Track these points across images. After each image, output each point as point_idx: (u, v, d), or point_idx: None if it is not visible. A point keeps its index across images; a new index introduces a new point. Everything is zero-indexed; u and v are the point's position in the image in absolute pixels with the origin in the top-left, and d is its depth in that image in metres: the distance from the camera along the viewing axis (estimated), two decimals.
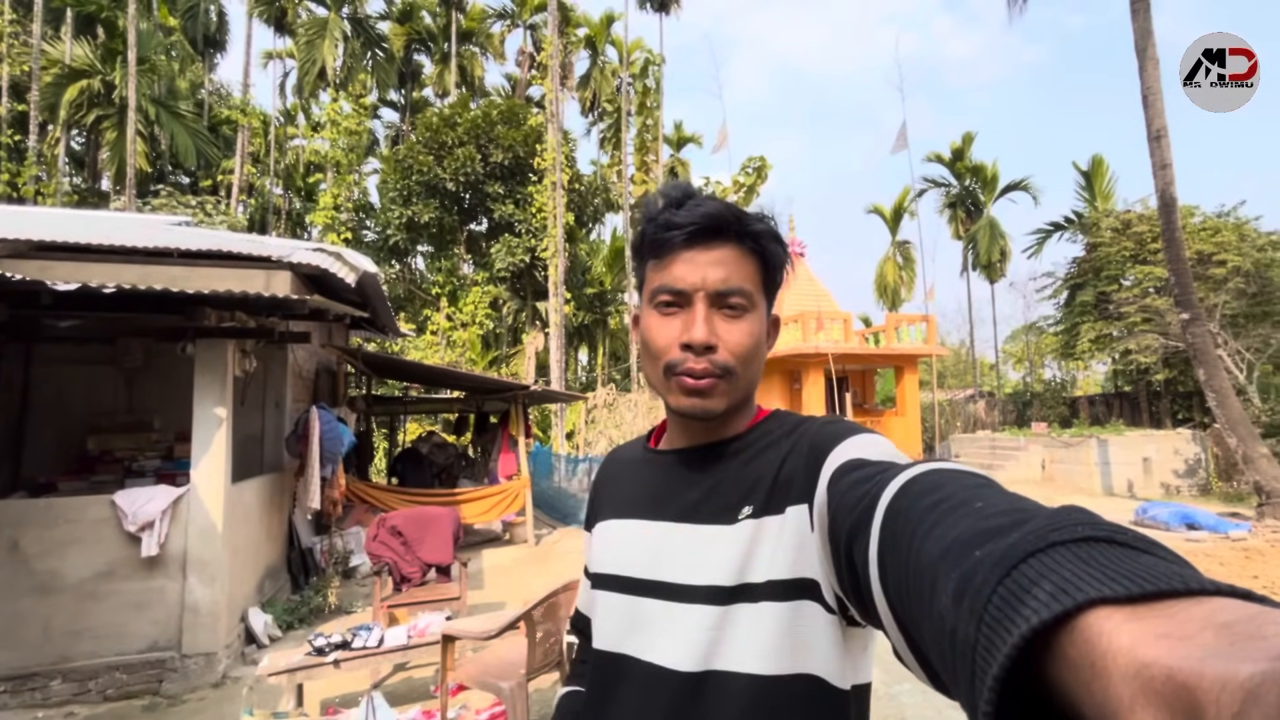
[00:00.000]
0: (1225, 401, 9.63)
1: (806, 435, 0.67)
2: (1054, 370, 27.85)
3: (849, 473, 0.56)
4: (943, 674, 0.35)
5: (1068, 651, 0.25)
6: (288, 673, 3.27)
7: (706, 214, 0.69)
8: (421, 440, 10.20)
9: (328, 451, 5.72)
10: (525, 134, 18.59)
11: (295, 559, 6.40)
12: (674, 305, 0.71)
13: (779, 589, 0.62)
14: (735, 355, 0.69)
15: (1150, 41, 10.48)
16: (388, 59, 24.63)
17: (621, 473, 0.85)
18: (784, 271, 0.75)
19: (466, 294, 19.17)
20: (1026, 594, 0.27)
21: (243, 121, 21.10)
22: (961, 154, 23.98)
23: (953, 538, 0.35)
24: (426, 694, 3.98)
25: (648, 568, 0.71)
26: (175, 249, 5.31)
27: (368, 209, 24.04)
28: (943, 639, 0.33)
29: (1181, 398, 15.71)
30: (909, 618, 0.40)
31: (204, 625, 4.19)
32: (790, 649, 0.61)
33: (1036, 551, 0.29)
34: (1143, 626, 0.23)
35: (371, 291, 7.58)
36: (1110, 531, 0.30)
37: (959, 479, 0.43)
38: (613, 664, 0.72)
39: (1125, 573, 0.26)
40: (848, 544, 0.50)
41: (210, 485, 4.34)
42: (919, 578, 0.37)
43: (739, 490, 0.68)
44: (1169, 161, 10.17)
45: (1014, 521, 0.33)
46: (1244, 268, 13.39)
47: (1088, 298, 16.43)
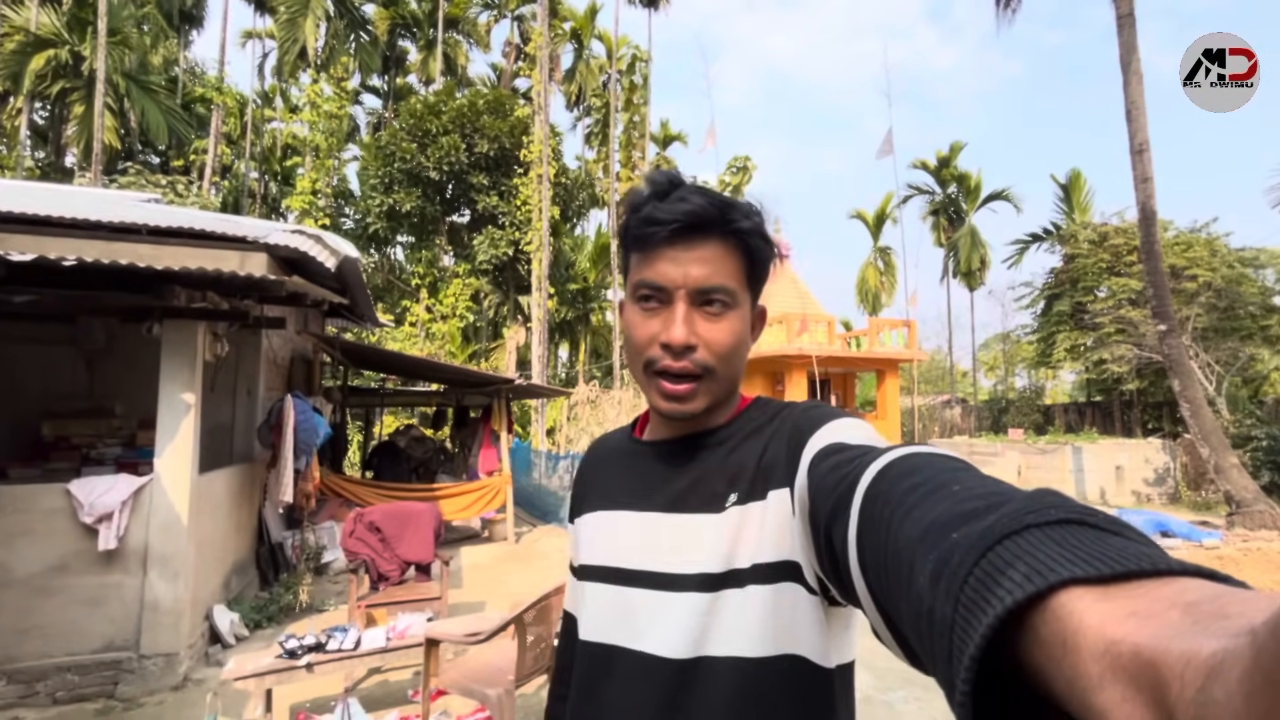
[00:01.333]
0: (1199, 412, 9.82)
1: (788, 421, 0.68)
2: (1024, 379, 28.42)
3: (829, 456, 0.56)
4: (920, 653, 0.36)
5: (1041, 630, 0.26)
6: (256, 677, 3.06)
7: (690, 211, 0.67)
8: (399, 433, 9.92)
9: (302, 443, 5.47)
10: (511, 125, 18.27)
11: (264, 554, 6.13)
12: (654, 301, 0.70)
13: (764, 572, 0.62)
14: (716, 354, 0.69)
15: (1135, 57, 10.65)
16: (371, 42, 24.06)
17: (606, 463, 0.84)
18: (769, 266, 0.74)
19: (447, 286, 18.79)
20: (1002, 575, 0.28)
21: (218, 100, 20.40)
22: (947, 162, 24.26)
23: (930, 520, 0.36)
24: (404, 698, 3.79)
25: (636, 558, 0.71)
26: (143, 225, 5.01)
27: (347, 196, 23.46)
28: (920, 619, 0.33)
29: (1152, 407, 16.08)
30: (887, 598, 0.40)
31: (165, 624, 3.94)
32: (776, 630, 0.62)
33: (1012, 533, 0.30)
34: (1112, 605, 0.24)
35: (352, 278, 7.31)
36: (1082, 514, 0.30)
37: (936, 462, 0.44)
38: (602, 655, 0.71)
39: (1096, 554, 0.26)
40: (827, 526, 0.50)
41: (175, 475, 4.09)
42: (897, 559, 0.37)
43: (724, 478, 0.68)
44: (1150, 175, 10.34)
45: (990, 504, 0.34)
46: (1215, 282, 13.74)
47: (1064, 308, 16.74)
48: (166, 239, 4.97)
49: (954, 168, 24.38)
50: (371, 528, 4.44)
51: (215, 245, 5.11)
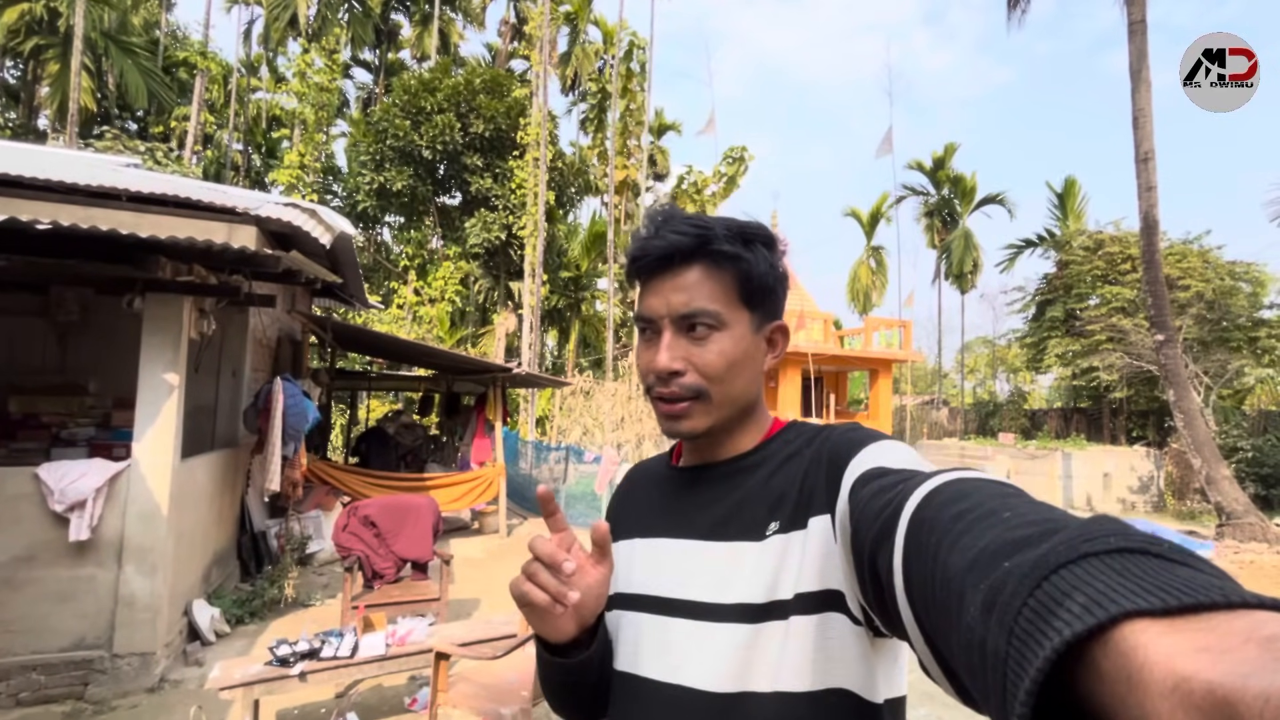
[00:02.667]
0: (1193, 423, 9.85)
1: (826, 444, 0.67)
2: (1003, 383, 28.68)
3: (870, 481, 0.55)
4: (971, 688, 0.34)
5: (1102, 664, 0.24)
6: (244, 686, 2.81)
7: (667, 244, 0.69)
8: (388, 419, 9.60)
9: (291, 428, 5.17)
10: (509, 106, 17.80)
11: (247, 544, 5.84)
12: (650, 331, 0.72)
13: (807, 602, 0.61)
14: (705, 376, 0.69)
15: (1145, 64, 10.57)
16: (364, 14, 23.31)
17: (644, 489, 0.83)
18: (771, 280, 0.72)
19: (436, 268, 18.34)
20: (1059, 606, 0.27)
21: (202, 66, 19.61)
22: (943, 163, 24.22)
23: (980, 548, 0.35)
24: (399, 706, 3.56)
25: (675, 587, 0.69)
26: (124, 191, 4.68)
27: (334, 172, 22.80)
28: (971, 651, 0.32)
29: (1138, 416, 16.25)
30: (935, 630, 0.39)
31: (141, 621, 3.66)
32: (821, 663, 0.60)
33: (1068, 563, 0.28)
34: (1181, 639, 0.23)
35: (345, 256, 6.99)
36: (1144, 543, 0.29)
37: (985, 488, 0.42)
38: (637, 686, 0.68)
39: (1162, 585, 0.25)
40: (871, 554, 0.49)
41: (155, 461, 3.79)
42: (946, 589, 0.36)
43: (765, 505, 0.67)
44: (1154, 184, 10.31)
45: (1044, 532, 0.32)
46: (1206, 294, 13.85)
47: (1057, 313, 16.81)
48: (149, 206, 4.63)
49: (949, 169, 24.36)
50: (366, 522, 4.18)
51: (202, 215, 4.79)
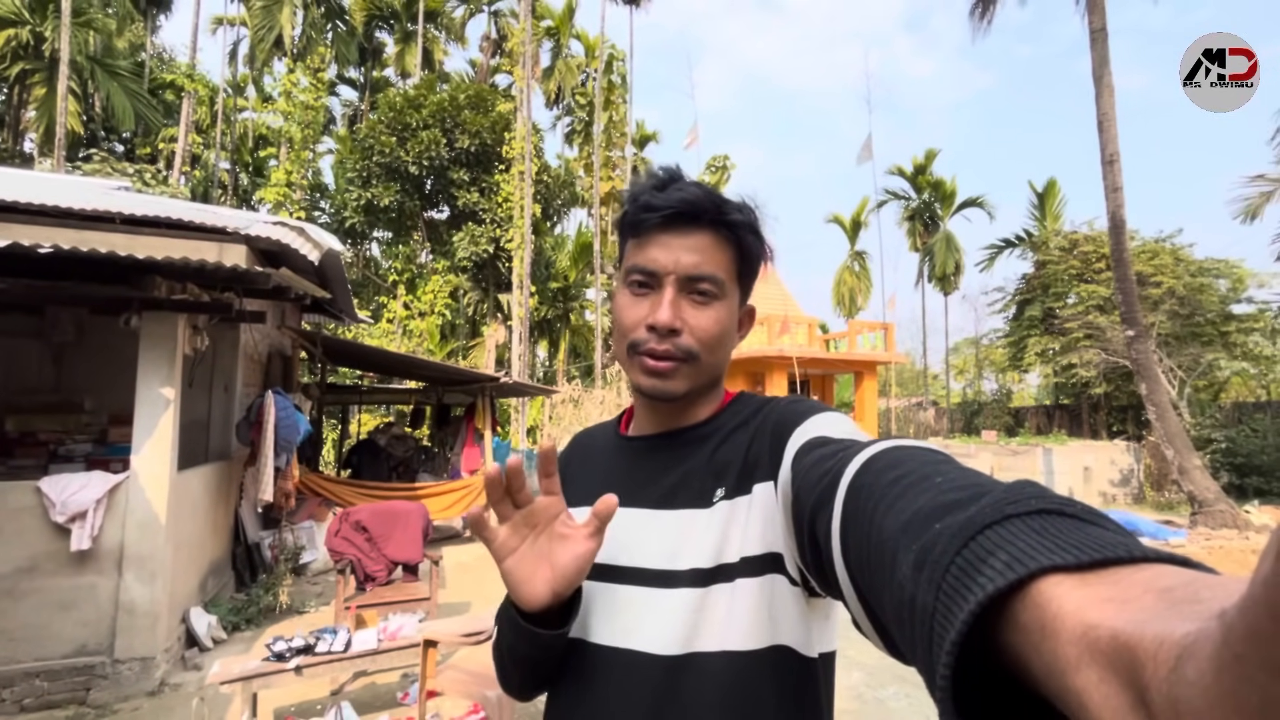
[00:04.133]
0: (1165, 416, 10.15)
1: (772, 415, 0.69)
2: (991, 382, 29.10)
3: (812, 450, 0.56)
4: (901, 643, 0.36)
5: (1021, 617, 0.26)
6: (242, 680, 2.96)
7: (685, 199, 0.69)
8: (379, 431, 9.73)
9: (283, 440, 5.32)
10: (493, 121, 18.07)
11: (241, 555, 5.96)
12: (645, 286, 0.71)
13: (752, 565, 0.63)
14: (700, 340, 0.70)
15: (1107, 70, 10.95)
16: (349, 33, 23.60)
17: (591, 458, 0.83)
18: (760, 263, 0.75)
19: (425, 282, 18.51)
20: (983, 563, 0.28)
21: (189, 88, 19.77)
22: (924, 168, 24.70)
23: (913, 511, 0.36)
24: (392, 701, 3.71)
25: (626, 555, 0.70)
26: (117, 213, 4.85)
27: (321, 189, 22.97)
28: (902, 608, 0.33)
29: (1117, 411, 16.59)
30: (869, 589, 0.41)
31: (141, 627, 3.80)
32: (764, 623, 0.62)
33: (993, 523, 0.30)
34: (1090, 592, 0.24)
35: (333, 272, 7.15)
36: (1061, 504, 0.31)
37: (919, 455, 0.44)
38: (590, 653, 0.70)
39: (1075, 542, 0.27)
40: (810, 519, 0.51)
41: (154, 473, 3.94)
42: (880, 550, 0.38)
43: (712, 473, 0.69)
44: (1120, 185, 10.66)
45: (972, 495, 0.34)
46: (1178, 290, 14.24)
47: (1035, 313, 17.17)
48: (141, 228, 4.80)
49: (930, 174, 24.84)
50: (358, 527, 4.34)
51: (193, 235, 4.96)
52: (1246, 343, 14.51)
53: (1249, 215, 11.94)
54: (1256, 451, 12.28)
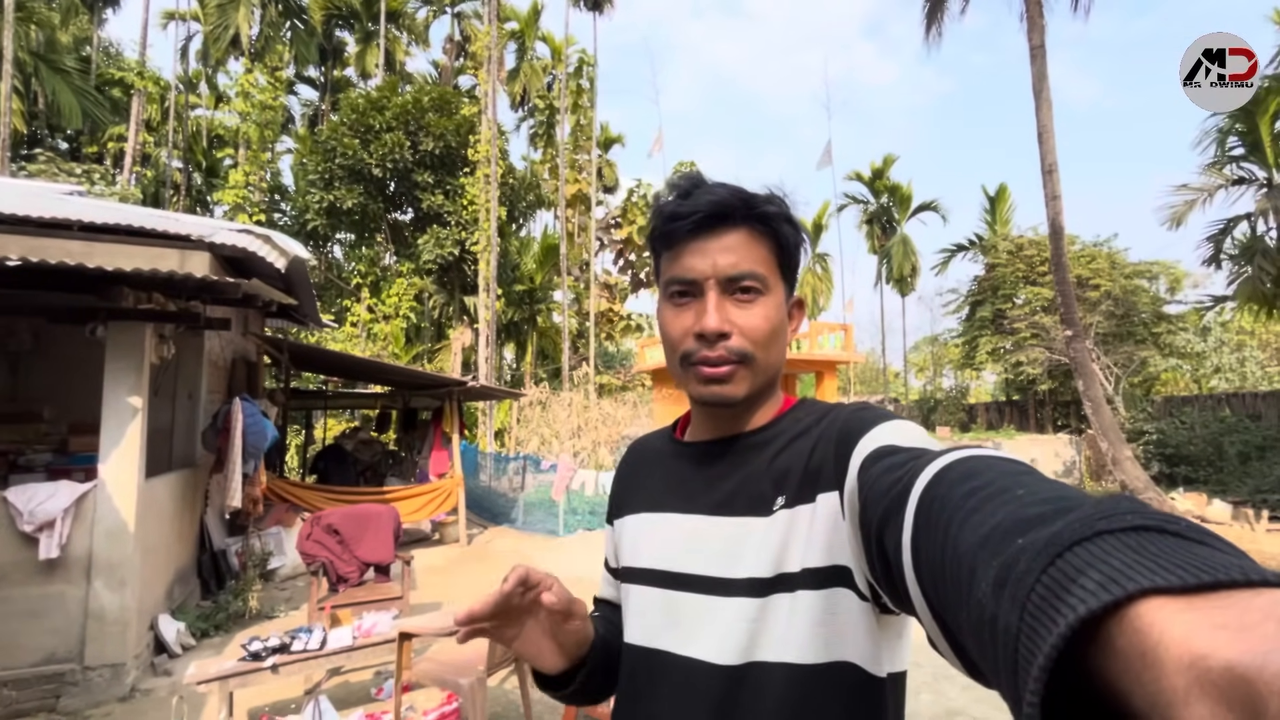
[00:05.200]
0: (1099, 410, 10.83)
1: (836, 422, 0.66)
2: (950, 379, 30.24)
3: (880, 459, 0.55)
4: (980, 663, 0.34)
5: (1117, 642, 0.24)
6: (219, 680, 3.06)
7: (712, 201, 0.69)
8: (346, 436, 9.71)
9: (251, 446, 5.36)
10: (457, 123, 18.04)
11: (206, 562, 5.95)
12: (686, 295, 0.70)
13: (814, 577, 0.61)
14: (751, 340, 0.68)
15: (1045, 84, 11.60)
16: (308, 32, 23.19)
17: (648, 465, 0.83)
18: (800, 252, 0.74)
19: (389, 285, 18.37)
20: (1073, 583, 0.27)
21: (139, 85, 19.17)
22: (881, 174, 25.55)
23: (993, 525, 0.35)
24: (366, 698, 3.83)
25: (683, 561, 0.70)
26: (75, 221, 4.82)
27: (281, 190, 22.52)
28: (982, 627, 0.32)
29: (1060, 406, 17.49)
30: (944, 606, 0.39)
31: (111, 634, 3.83)
32: (827, 637, 0.60)
33: (1083, 540, 0.28)
34: (1198, 617, 0.23)
35: (299, 279, 7.14)
36: (1162, 521, 0.29)
37: (997, 465, 0.42)
38: (649, 659, 0.70)
39: (1179, 562, 0.25)
40: (879, 530, 0.50)
41: (121, 481, 3.98)
42: (956, 565, 0.36)
43: (772, 480, 0.67)
44: (1059, 193, 11.30)
45: (1058, 509, 0.33)
46: (1114, 292, 15.12)
47: (986, 313, 17.98)
48: (99, 235, 4.78)
49: (887, 179, 25.70)
50: (330, 530, 4.44)
51: (154, 243, 4.96)
52: (1176, 341, 15.49)
53: (1175, 222, 12.79)
54: (1184, 443, 13.12)
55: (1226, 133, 12.35)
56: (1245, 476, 11.94)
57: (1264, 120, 11.58)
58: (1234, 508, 9.79)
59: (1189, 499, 10.28)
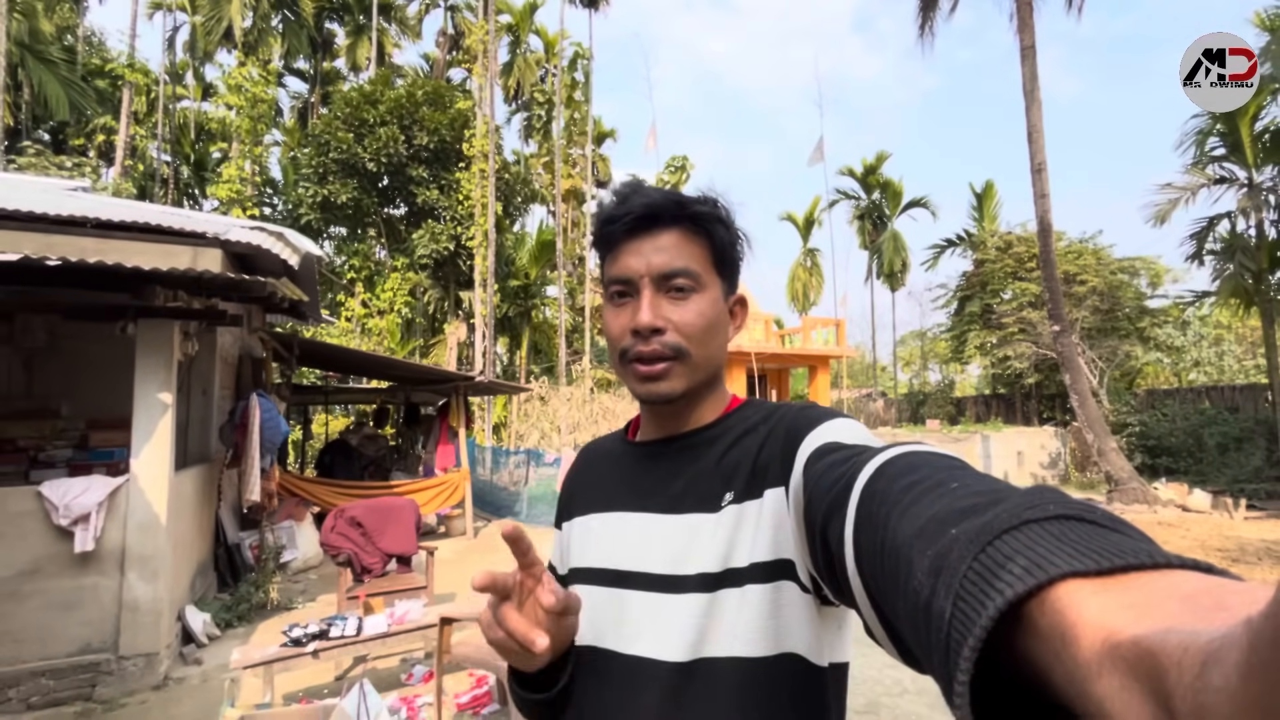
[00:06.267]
0: (1086, 403, 11.15)
1: (784, 420, 0.68)
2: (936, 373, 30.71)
3: (825, 455, 0.57)
4: (915, 649, 0.36)
5: (1040, 623, 0.26)
6: (264, 664, 3.19)
7: (645, 203, 0.71)
8: (350, 431, 9.77)
9: (267, 441, 5.44)
10: (452, 118, 17.98)
11: (222, 557, 6.03)
12: (624, 295, 0.73)
13: (761, 571, 0.63)
14: (685, 335, 0.70)
15: (1036, 85, 11.83)
16: (299, 23, 22.95)
17: (599, 466, 0.84)
18: (737, 249, 0.76)
19: (384, 280, 18.33)
20: (1001, 569, 0.28)
21: (130, 77, 18.91)
22: (874, 169, 25.80)
23: (928, 516, 0.36)
24: (395, 683, 3.97)
25: (633, 560, 0.70)
26: (90, 218, 4.87)
27: (271, 184, 22.34)
28: (917, 614, 0.33)
29: (1047, 399, 17.87)
30: (882, 595, 0.41)
31: (144, 624, 3.93)
32: (774, 630, 0.62)
33: (1011, 529, 0.30)
34: (1111, 598, 0.24)
35: (307, 275, 7.21)
36: (1080, 510, 0.31)
37: (934, 461, 0.44)
38: (596, 658, 0.70)
39: (1095, 548, 0.27)
40: (823, 524, 0.51)
41: (153, 474, 4.06)
42: (894, 555, 0.37)
43: (721, 477, 0.69)
44: (1047, 192, 11.56)
45: (989, 501, 0.34)
46: (1100, 288, 15.48)
47: (975, 308, 18.30)
48: (112, 232, 4.84)
49: (879, 175, 25.96)
50: (353, 523, 4.55)
51: (164, 240, 5.01)
52: (1159, 335, 15.91)
53: (1159, 220, 13.12)
54: (1166, 434, 13.53)
55: (1208, 134, 12.68)
56: (1224, 467, 12.36)
57: (1244, 121, 11.92)
58: (1214, 497, 10.15)
59: (1171, 489, 10.63)
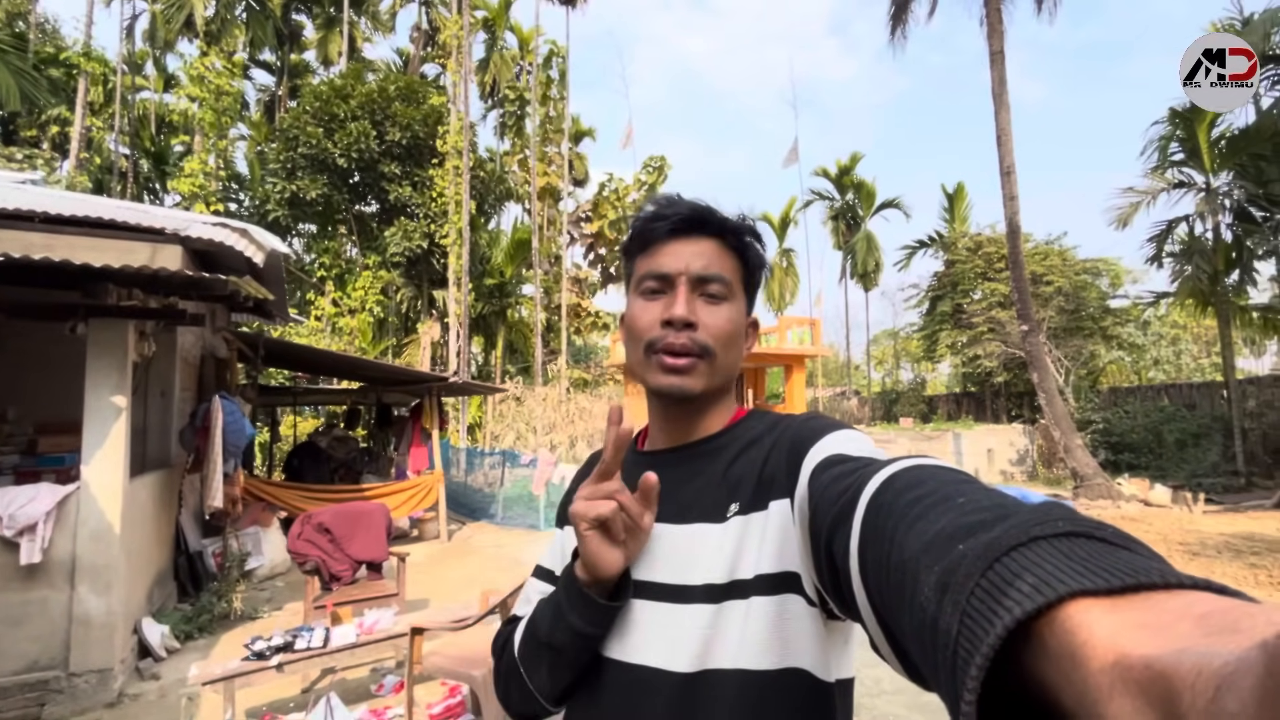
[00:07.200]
0: (1052, 401, 11.41)
1: (789, 431, 0.69)
2: (909, 372, 31.26)
3: (830, 468, 0.56)
4: (921, 666, 0.35)
5: (1048, 643, 0.26)
6: (224, 680, 3.05)
7: (692, 208, 0.75)
8: (320, 433, 9.51)
9: (230, 445, 5.25)
10: (425, 114, 17.67)
11: (183, 565, 5.80)
12: (658, 291, 0.75)
13: (767, 583, 0.63)
14: (714, 337, 0.72)
15: (1004, 89, 12.07)
16: (264, 14, 22.34)
17: None
18: (762, 273, 0.79)
19: (355, 278, 17.94)
20: (1009, 586, 0.28)
21: (85, 66, 18.19)
22: (848, 170, 26.07)
23: (935, 532, 0.36)
24: (365, 694, 3.84)
25: (640, 569, 0.70)
26: (38, 212, 4.64)
27: (237, 178, 21.71)
28: (923, 631, 0.33)
29: (1015, 397, 18.29)
30: (888, 610, 0.40)
31: (97, 639, 3.74)
32: (779, 643, 0.62)
33: (1019, 545, 0.30)
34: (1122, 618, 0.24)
35: (273, 274, 6.99)
36: (1090, 527, 0.30)
37: (941, 475, 0.44)
38: (603, 668, 0.70)
39: (1105, 566, 0.27)
40: (828, 538, 0.50)
41: (106, 482, 3.87)
42: (901, 571, 0.37)
43: (726, 488, 0.69)
44: (1016, 194, 11.81)
45: (997, 517, 0.34)
46: (1065, 288, 15.88)
47: (946, 308, 18.64)
48: (62, 227, 4.61)
49: (853, 176, 26.25)
50: (321, 529, 4.41)
51: (121, 235, 4.79)
52: (1121, 334, 16.38)
53: (1121, 223, 13.50)
54: (1128, 431, 13.94)
55: (1168, 139, 13.09)
56: (1182, 462, 12.77)
57: (1202, 128, 12.32)
58: (1174, 491, 10.48)
59: (1134, 484, 10.94)
